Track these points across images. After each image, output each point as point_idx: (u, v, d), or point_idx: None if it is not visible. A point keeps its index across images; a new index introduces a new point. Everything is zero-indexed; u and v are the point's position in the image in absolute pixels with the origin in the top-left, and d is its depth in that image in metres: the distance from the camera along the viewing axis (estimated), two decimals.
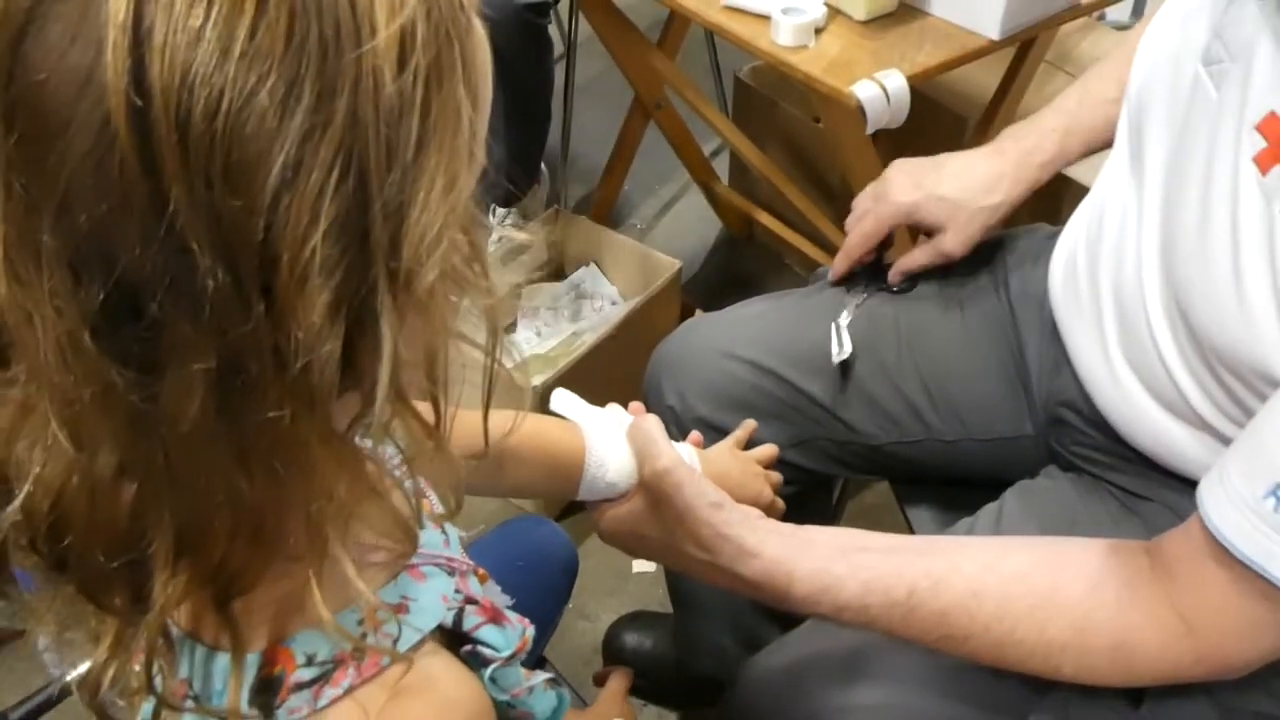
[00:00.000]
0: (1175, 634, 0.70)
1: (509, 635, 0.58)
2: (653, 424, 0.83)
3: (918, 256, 1.07)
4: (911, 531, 1.11)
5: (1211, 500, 0.69)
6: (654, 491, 0.80)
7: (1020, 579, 0.75)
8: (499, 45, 0.45)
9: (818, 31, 1.24)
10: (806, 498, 1.17)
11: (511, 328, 1.80)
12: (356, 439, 0.45)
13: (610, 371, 1.56)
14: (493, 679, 0.57)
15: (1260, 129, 0.70)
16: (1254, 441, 0.68)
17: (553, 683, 0.62)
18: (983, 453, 1.07)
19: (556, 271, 1.87)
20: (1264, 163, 0.70)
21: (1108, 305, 0.89)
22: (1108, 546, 0.77)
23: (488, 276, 0.46)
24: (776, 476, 0.98)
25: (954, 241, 1.04)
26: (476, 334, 0.49)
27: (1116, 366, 0.89)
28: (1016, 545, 0.80)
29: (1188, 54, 0.78)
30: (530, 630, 0.59)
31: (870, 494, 1.66)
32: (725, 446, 0.96)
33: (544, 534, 1.12)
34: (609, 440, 0.85)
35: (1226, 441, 0.81)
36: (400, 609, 0.52)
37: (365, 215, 0.39)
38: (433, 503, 0.62)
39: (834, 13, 1.27)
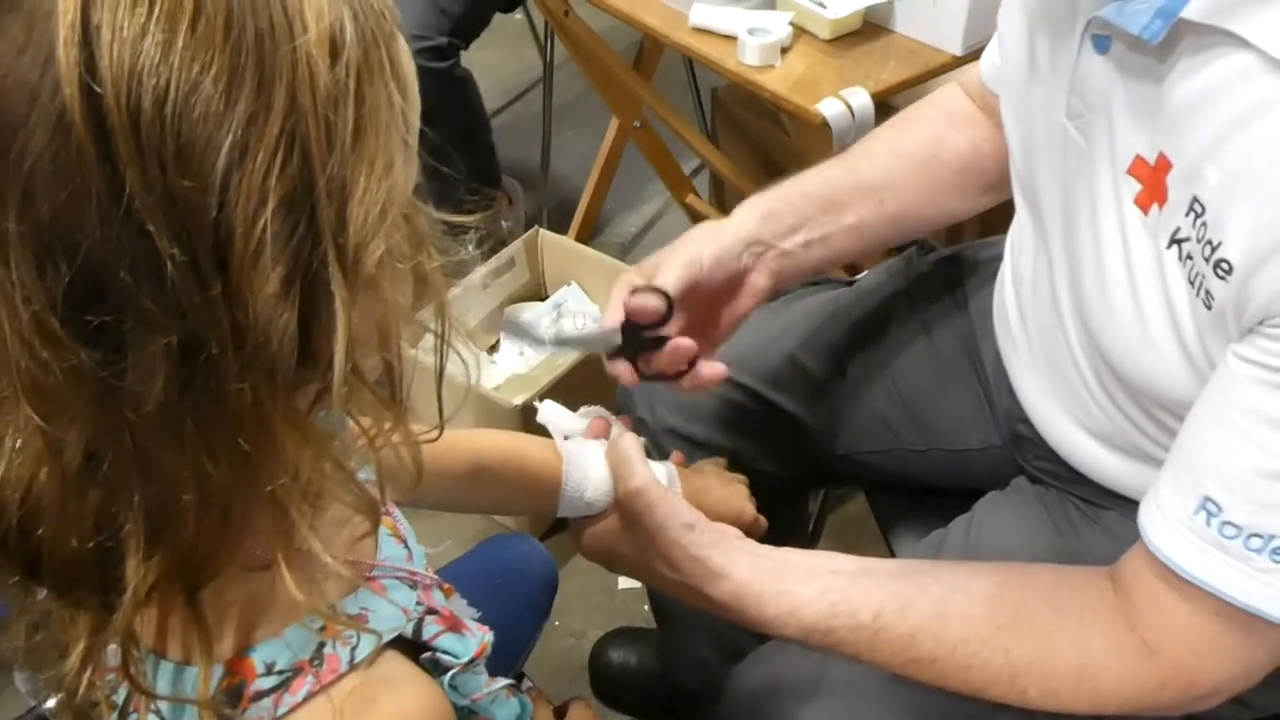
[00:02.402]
0: (1137, 656, 0.71)
1: (468, 643, 0.59)
2: (630, 443, 0.84)
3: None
4: (887, 541, 1.13)
5: (1149, 521, 0.70)
6: (627, 511, 0.82)
7: (986, 601, 0.76)
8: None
9: (784, 50, 1.26)
10: (780, 508, 1.18)
11: (494, 347, 1.82)
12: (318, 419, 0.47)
13: (591, 389, 1.56)
14: (453, 685, 0.58)
15: (1131, 174, 0.73)
16: (1179, 459, 0.70)
17: (514, 690, 0.63)
18: (953, 463, 1.08)
19: (538, 291, 1.89)
20: (1143, 204, 0.72)
21: (1036, 345, 0.91)
22: (1072, 571, 0.78)
23: (431, 256, 0.49)
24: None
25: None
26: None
27: (1051, 404, 0.91)
28: (983, 569, 0.81)
29: (1055, 110, 0.80)
30: (489, 637, 0.60)
31: (853, 505, 1.67)
32: (707, 465, 0.98)
33: (523, 551, 1.13)
34: (588, 459, 0.86)
35: None
36: (359, 619, 0.54)
37: (311, 194, 0.42)
38: (395, 519, 0.63)
39: (800, 32, 1.29)
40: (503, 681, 0.62)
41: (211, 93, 0.39)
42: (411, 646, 0.57)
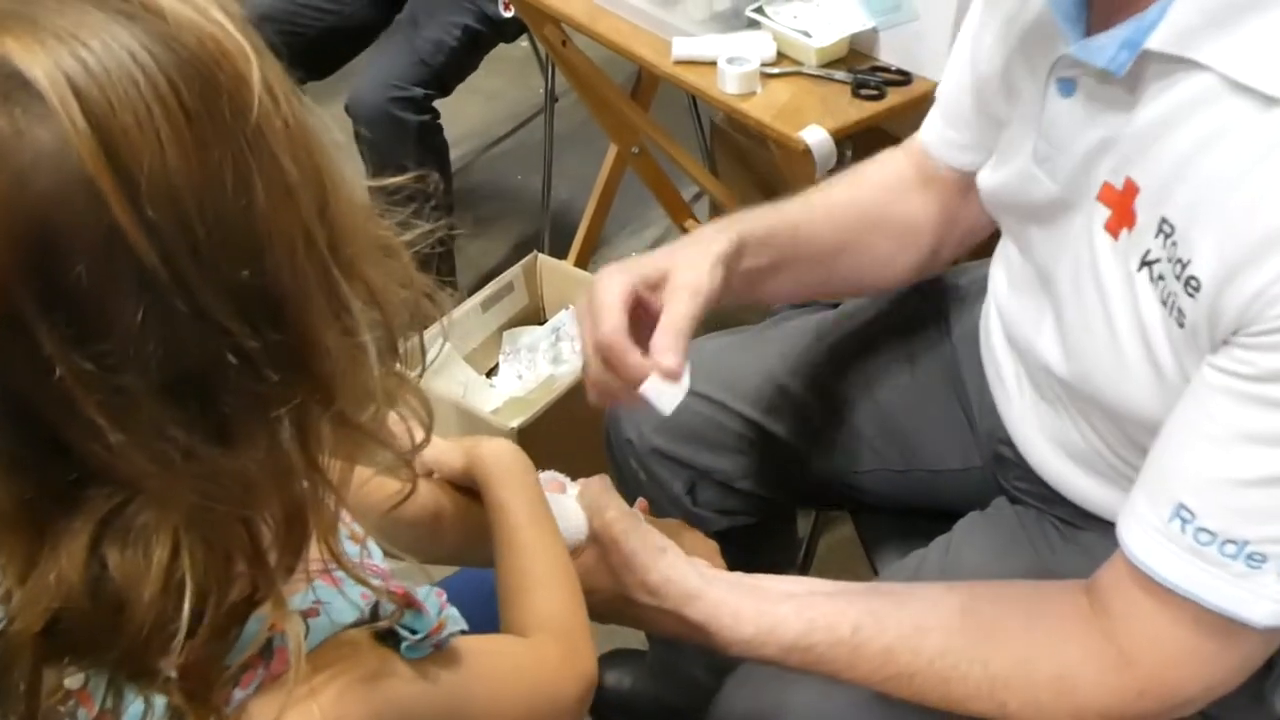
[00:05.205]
0: (1114, 667, 0.72)
1: (424, 620, 0.60)
2: (604, 482, 0.87)
3: None
4: (872, 563, 1.14)
5: (1126, 529, 0.71)
6: (602, 540, 0.83)
7: (964, 614, 0.77)
8: (387, 141, 0.52)
9: (771, 78, 1.28)
10: (767, 529, 1.19)
11: (493, 371, 1.84)
12: None
13: (587, 412, 1.58)
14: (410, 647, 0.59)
15: (1100, 200, 0.74)
16: (1153, 467, 0.71)
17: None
18: (935, 484, 1.09)
19: (537, 315, 1.91)
20: (1113, 229, 0.73)
21: (1018, 369, 0.92)
22: (1048, 585, 0.79)
23: (391, 232, 0.54)
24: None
25: None
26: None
27: (1032, 427, 0.92)
28: (957, 586, 0.82)
29: (1024, 154, 0.82)
30: (447, 612, 0.61)
31: (845, 529, 1.67)
32: (675, 521, 0.99)
33: None
34: (559, 505, 0.87)
35: None
36: (312, 613, 0.55)
37: (308, 225, 0.46)
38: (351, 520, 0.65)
39: (785, 59, 1.31)
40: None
41: (232, 183, 0.43)
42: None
